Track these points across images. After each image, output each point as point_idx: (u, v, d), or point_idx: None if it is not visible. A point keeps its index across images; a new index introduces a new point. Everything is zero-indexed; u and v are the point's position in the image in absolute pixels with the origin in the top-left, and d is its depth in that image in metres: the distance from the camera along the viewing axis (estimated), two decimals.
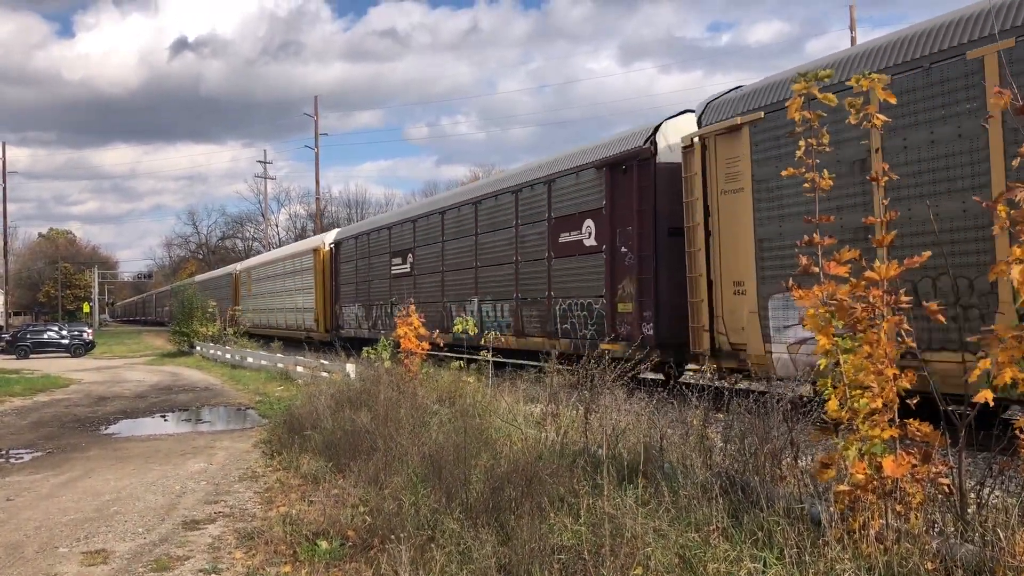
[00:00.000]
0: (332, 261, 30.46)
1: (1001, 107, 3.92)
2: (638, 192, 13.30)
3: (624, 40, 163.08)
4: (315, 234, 51.83)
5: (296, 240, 71.34)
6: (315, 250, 31.79)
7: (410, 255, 23.11)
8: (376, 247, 26.22)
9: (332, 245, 30.66)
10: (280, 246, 68.41)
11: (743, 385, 9.61)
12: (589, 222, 14.62)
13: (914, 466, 4.20)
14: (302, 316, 32.99)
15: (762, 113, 10.75)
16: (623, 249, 13.70)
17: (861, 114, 4.66)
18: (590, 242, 14.59)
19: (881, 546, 4.09)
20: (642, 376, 10.68)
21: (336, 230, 34.35)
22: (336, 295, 29.77)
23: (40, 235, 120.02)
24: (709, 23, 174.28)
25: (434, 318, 19.22)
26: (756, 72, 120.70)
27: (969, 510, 4.29)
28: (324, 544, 6.06)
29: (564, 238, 15.38)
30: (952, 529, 4.23)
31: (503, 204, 17.84)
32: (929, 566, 3.90)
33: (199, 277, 66.72)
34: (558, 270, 15.51)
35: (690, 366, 12.75)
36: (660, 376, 13.05)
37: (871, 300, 4.32)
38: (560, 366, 8.64)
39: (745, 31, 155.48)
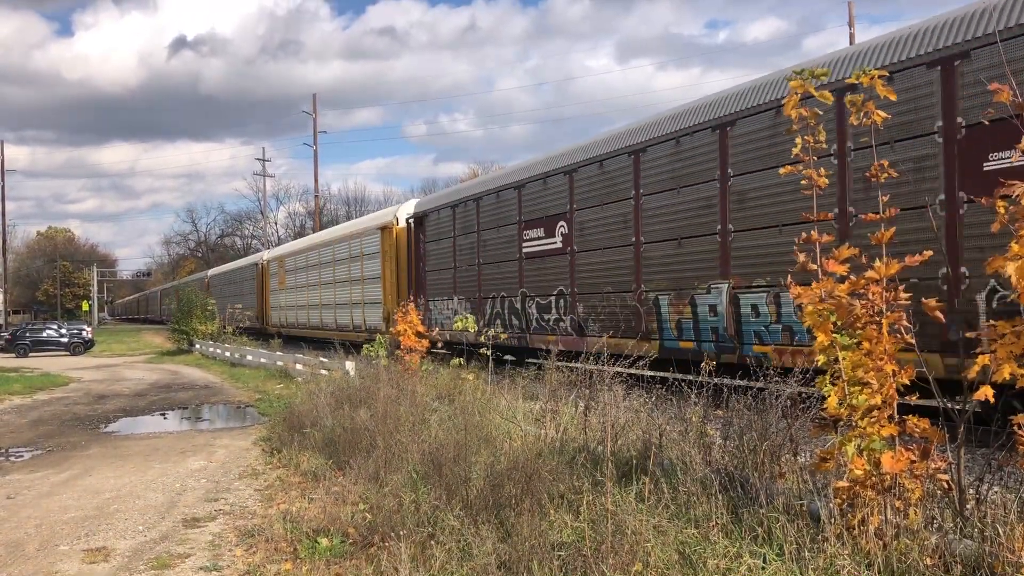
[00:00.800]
0: (412, 241, 22.51)
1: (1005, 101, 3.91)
2: None
3: (622, 37, 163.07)
4: (315, 231, 51.19)
5: (295, 238, 69.73)
6: (383, 228, 24.49)
7: (562, 224, 15.46)
8: (491, 216, 18.28)
9: (411, 220, 22.79)
10: (280, 244, 67.05)
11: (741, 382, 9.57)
12: None
13: (913, 462, 4.21)
14: (363, 313, 25.92)
15: None
16: None
17: None
18: None
19: (880, 542, 4.10)
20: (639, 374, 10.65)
21: (413, 200, 25.85)
22: (419, 285, 21.77)
23: (38, 233, 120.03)
24: (707, 21, 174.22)
25: (618, 316, 13.61)
26: (754, 69, 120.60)
27: (968, 506, 4.30)
28: (324, 541, 6.06)
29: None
30: (951, 525, 4.25)
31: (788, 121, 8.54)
32: (928, 561, 3.91)
33: (214, 271, 58.91)
34: (976, 224, 8.15)
35: None
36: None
37: (870, 297, 4.32)
38: (560, 363, 8.64)
39: (742, 29, 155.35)
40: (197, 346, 34.71)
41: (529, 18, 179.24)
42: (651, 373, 11.35)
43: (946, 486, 4.31)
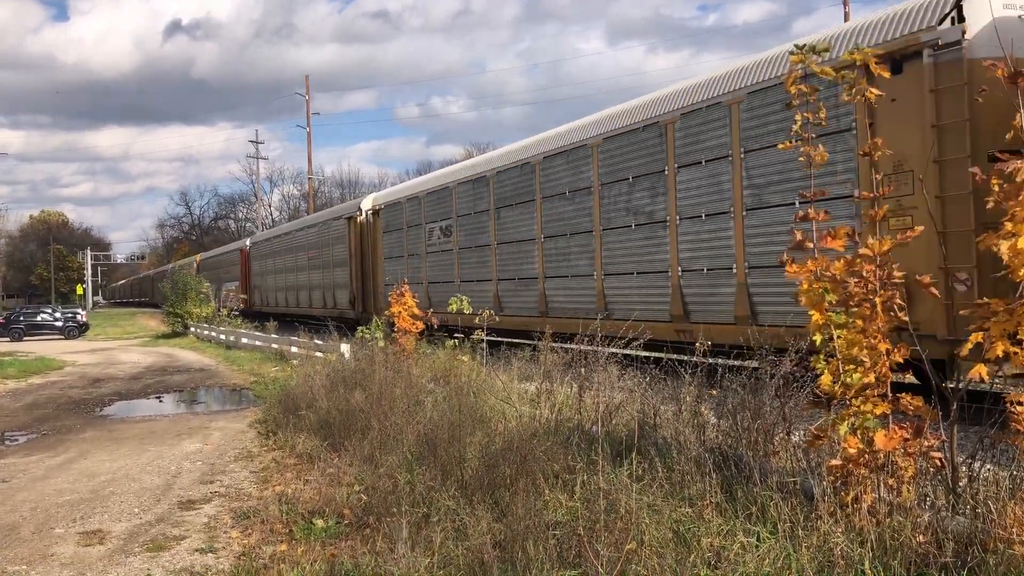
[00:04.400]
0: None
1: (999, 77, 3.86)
2: None
3: (613, 20, 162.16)
4: (308, 214, 50.37)
5: (290, 219, 67.02)
6: None
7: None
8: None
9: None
10: (274, 226, 65.28)
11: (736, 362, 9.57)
12: None
13: (906, 440, 4.22)
14: None
15: None
16: None
17: None
18: None
19: (873, 519, 4.12)
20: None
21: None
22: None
23: (31, 217, 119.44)
24: (699, 3, 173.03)
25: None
26: (743, 52, 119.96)
27: (960, 483, 4.32)
28: (320, 523, 6.07)
29: None
30: (943, 502, 4.26)
31: None
32: (920, 539, 3.92)
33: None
34: None
35: None
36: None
37: (864, 275, 4.31)
38: (554, 344, 8.65)
39: (733, 11, 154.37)
40: (192, 329, 34.64)
41: (521, 1, 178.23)
42: (646, 354, 11.37)
43: (939, 464, 4.32)
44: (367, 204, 26.68)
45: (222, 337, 28.74)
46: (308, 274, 31.70)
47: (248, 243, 44.54)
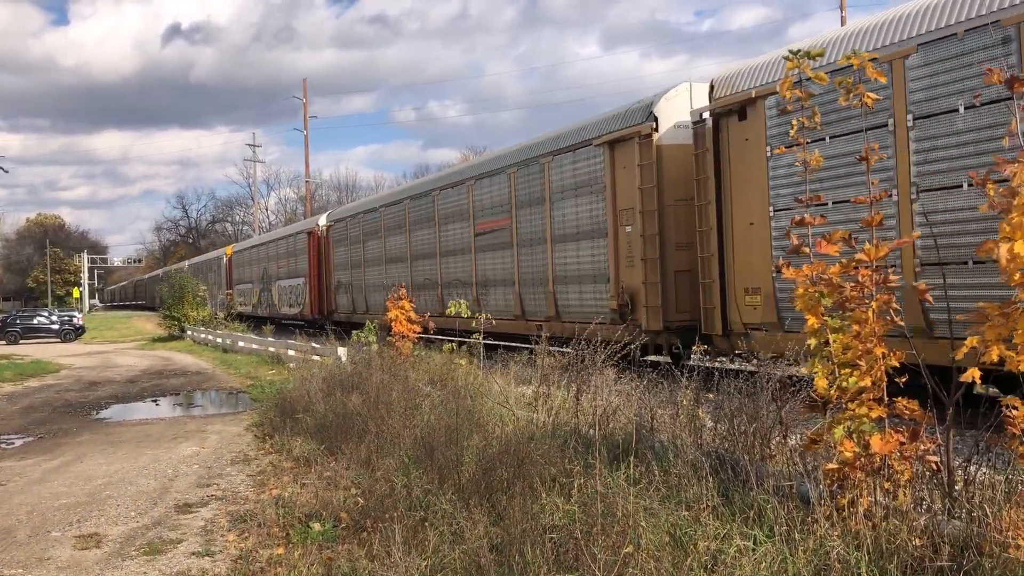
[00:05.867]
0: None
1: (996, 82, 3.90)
2: None
3: (610, 25, 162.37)
4: (306, 217, 50.17)
5: (287, 223, 66.61)
6: None
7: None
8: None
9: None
10: (271, 230, 64.72)
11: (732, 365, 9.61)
12: None
13: (902, 443, 4.23)
14: None
15: None
16: None
17: None
18: None
19: (869, 523, 4.12)
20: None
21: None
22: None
23: (28, 220, 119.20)
24: (695, 9, 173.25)
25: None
26: (737, 57, 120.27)
27: (956, 487, 4.33)
28: (317, 526, 6.07)
29: None
30: (939, 506, 4.27)
31: None
32: (917, 542, 3.93)
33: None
34: None
35: None
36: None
37: (860, 279, 4.33)
38: (552, 347, 8.65)
39: (728, 16, 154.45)
40: (188, 332, 34.58)
41: (519, 6, 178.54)
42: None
43: (935, 467, 4.33)
44: (679, 100, 12.96)
45: (219, 340, 28.70)
46: (471, 259, 19.00)
47: (323, 222, 31.27)
